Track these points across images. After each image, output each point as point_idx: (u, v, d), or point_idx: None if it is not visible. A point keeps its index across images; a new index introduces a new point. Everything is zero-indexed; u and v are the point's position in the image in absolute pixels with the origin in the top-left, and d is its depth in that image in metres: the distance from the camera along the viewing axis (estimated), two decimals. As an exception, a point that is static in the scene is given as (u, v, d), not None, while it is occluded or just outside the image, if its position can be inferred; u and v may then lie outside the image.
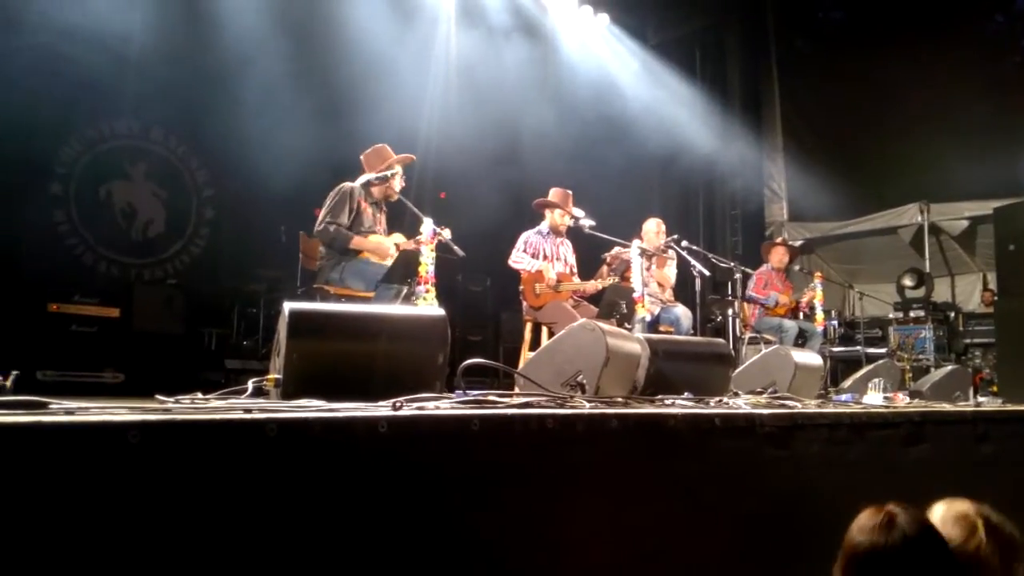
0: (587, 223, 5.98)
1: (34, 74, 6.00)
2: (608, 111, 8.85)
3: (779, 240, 8.20)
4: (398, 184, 5.18)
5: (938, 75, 9.60)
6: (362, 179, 5.11)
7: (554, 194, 6.18)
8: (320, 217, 4.94)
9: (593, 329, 3.23)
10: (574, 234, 6.22)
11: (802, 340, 7.07)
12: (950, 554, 1.80)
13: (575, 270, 6.25)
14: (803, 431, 2.95)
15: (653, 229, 6.71)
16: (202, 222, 7.58)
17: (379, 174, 5.09)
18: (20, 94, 5.92)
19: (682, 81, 10.11)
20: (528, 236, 6.14)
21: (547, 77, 8.84)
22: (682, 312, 6.36)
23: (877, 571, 1.75)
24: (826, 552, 1.84)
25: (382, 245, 4.98)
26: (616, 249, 6.21)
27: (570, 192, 6.21)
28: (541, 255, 6.05)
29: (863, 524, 1.80)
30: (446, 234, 4.68)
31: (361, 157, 5.21)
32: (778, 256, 7.77)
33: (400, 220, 5.34)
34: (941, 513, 2.02)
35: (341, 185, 5.03)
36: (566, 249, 6.24)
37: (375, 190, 5.14)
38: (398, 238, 5.10)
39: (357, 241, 4.91)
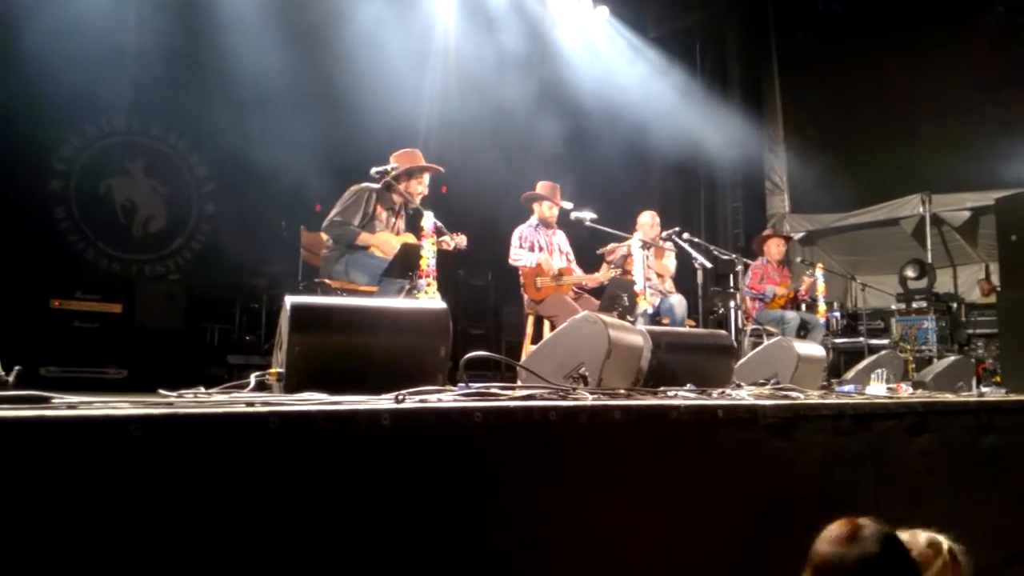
0: (587, 216, 5.98)
1: (33, 72, 5.98)
2: (608, 104, 8.82)
3: (769, 232, 8.10)
4: (422, 189, 5.15)
5: (939, 66, 9.56)
6: (377, 170, 4.92)
7: (541, 187, 6.22)
8: (331, 214, 4.92)
9: (595, 321, 3.23)
10: (574, 228, 6.22)
11: (804, 331, 7.06)
12: (915, 571, 1.79)
13: (572, 258, 6.29)
14: (806, 422, 2.95)
15: (648, 222, 6.75)
16: (203, 217, 7.57)
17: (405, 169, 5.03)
18: (19, 92, 5.91)
19: (682, 74, 10.08)
20: (522, 231, 6.17)
21: (547, 70, 8.82)
22: (676, 301, 6.37)
23: None
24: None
25: (389, 243, 4.95)
26: (611, 245, 6.24)
27: (557, 185, 6.24)
28: (537, 247, 6.08)
29: (829, 535, 1.78)
30: (462, 242, 4.83)
31: (391, 156, 5.11)
32: (772, 247, 7.74)
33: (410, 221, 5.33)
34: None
35: (360, 185, 4.97)
36: (559, 239, 6.28)
37: (395, 196, 5.08)
38: (408, 238, 5.04)
39: (364, 237, 4.91)
